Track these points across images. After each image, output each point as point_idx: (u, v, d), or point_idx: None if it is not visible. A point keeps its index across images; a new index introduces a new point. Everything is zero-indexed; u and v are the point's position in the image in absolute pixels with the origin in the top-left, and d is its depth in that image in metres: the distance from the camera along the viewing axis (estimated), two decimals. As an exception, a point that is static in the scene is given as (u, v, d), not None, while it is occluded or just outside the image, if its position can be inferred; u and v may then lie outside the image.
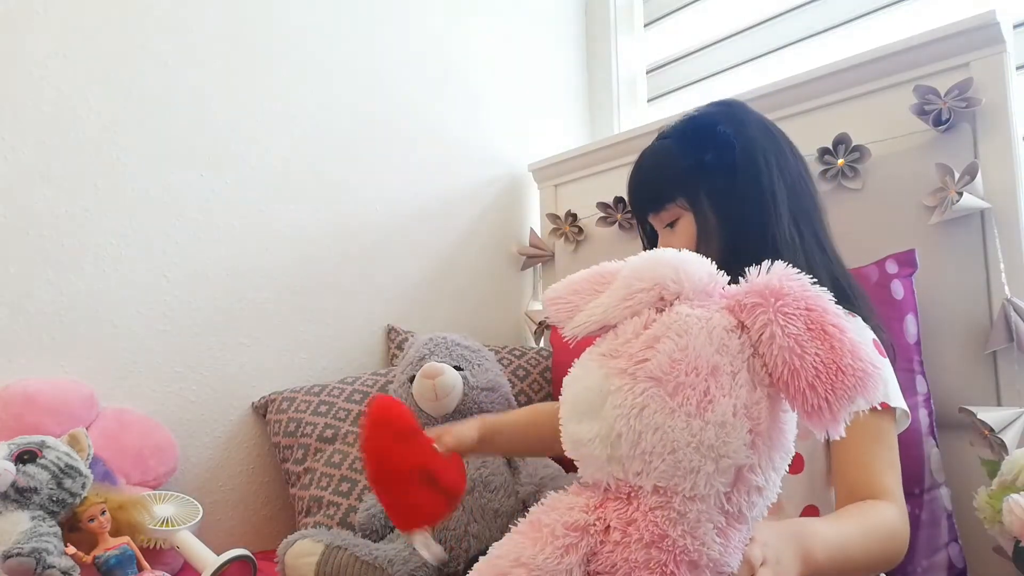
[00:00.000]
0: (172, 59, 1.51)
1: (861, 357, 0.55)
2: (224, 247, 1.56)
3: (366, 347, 1.73)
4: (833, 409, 0.54)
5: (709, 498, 0.56)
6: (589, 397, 0.60)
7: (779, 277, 0.59)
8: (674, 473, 0.56)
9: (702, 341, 0.58)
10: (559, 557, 0.57)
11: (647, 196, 0.97)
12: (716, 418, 0.56)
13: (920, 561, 1.07)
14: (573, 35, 2.16)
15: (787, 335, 0.55)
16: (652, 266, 0.62)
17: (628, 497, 0.58)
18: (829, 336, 0.55)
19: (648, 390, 0.57)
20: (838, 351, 0.55)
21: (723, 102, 1.02)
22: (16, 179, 1.34)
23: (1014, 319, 1.10)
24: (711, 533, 0.56)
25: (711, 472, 0.55)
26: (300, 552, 1.15)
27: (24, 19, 1.36)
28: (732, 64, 1.82)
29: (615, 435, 0.58)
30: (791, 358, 0.55)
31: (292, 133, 1.65)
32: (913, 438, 1.11)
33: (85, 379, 1.37)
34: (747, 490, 0.57)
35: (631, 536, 0.56)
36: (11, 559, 0.98)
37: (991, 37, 1.16)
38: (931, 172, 1.19)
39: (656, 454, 0.56)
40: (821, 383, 0.54)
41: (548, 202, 1.94)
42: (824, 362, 0.54)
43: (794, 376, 0.55)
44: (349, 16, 1.75)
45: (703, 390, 0.56)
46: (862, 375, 0.54)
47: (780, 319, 0.56)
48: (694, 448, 0.56)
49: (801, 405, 0.55)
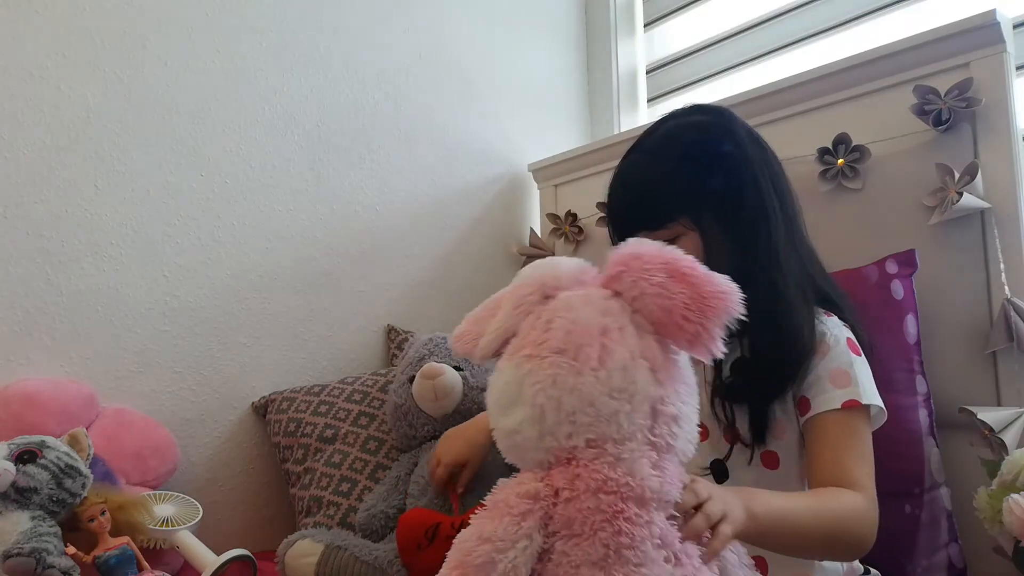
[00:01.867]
0: (172, 59, 1.51)
1: (718, 283, 0.64)
2: (224, 247, 1.56)
3: (366, 347, 1.73)
4: (709, 330, 0.63)
5: (636, 435, 0.63)
6: (508, 389, 0.67)
7: (633, 246, 0.68)
8: (598, 422, 0.63)
9: (587, 310, 0.66)
10: (517, 524, 0.62)
11: (643, 214, 0.93)
12: (617, 364, 0.64)
13: (920, 561, 1.07)
14: (573, 35, 2.16)
15: (653, 284, 0.65)
16: (531, 273, 0.72)
17: (568, 461, 0.64)
18: (687, 276, 0.64)
19: (555, 361, 0.64)
20: (698, 284, 0.64)
21: (707, 109, 0.99)
22: (16, 179, 1.34)
23: (1014, 319, 1.10)
24: (647, 468, 0.63)
25: (629, 411, 0.63)
26: (300, 552, 1.15)
27: (24, 19, 1.36)
28: (732, 64, 1.82)
29: (539, 410, 0.64)
30: (662, 301, 0.64)
31: (292, 133, 1.65)
32: (913, 438, 1.11)
33: (85, 379, 1.37)
34: (666, 421, 0.65)
35: (578, 488, 0.62)
36: (11, 559, 0.98)
37: (991, 37, 1.16)
38: (931, 172, 1.18)
39: (578, 411, 0.63)
40: (692, 312, 0.63)
41: (548, 202, 1.94)
42: (690, 296, 0.63)
43: (669, 314, 0.64)
44: (349, 16, 1.75)
45: (600, 346, 0.64)
46: (723, 295, 0.63)
47: (644, 275, 0.65)
48: (607, 395, 0.63)
49: (683, 336, 0.64)
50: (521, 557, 0.61)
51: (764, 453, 0.91)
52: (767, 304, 0.85)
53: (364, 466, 1.41)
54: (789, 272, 0.90)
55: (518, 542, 0.61)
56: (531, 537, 0.62)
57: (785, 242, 0.92)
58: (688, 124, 0.97)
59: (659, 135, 0.97)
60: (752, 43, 1.78)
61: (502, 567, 0.60)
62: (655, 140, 0.97)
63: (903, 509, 1.09)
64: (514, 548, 0.61)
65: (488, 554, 0.61)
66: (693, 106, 1.01)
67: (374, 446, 1.44)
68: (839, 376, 0.86)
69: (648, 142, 0.97)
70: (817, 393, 0.86)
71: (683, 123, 0.97)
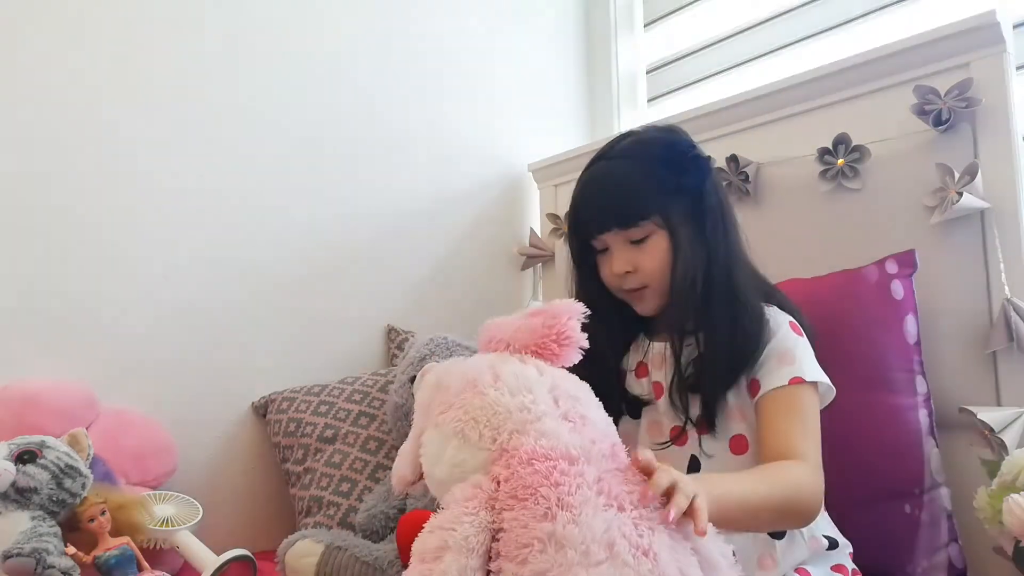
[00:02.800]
0: (172, 59, 1.51)
1: (560, 301, 0.78)
2: (224, 247, 1.56)
3: (366, 347, 1.73)
4: (568, 326, 0.76)
5: (548, 412, 0.71)
6: (432, 445, 0.74)
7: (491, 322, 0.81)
8: (511, 415, 0.70)
9: (471, 361, 0.77)
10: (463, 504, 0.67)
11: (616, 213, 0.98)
12: (508, 373, 0.73)
13: (920, 561, 1.08)
14: (573, 35, 2.16)
15: (513, 328, 0.78)
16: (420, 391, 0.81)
17: (501, 455, 0.70)
18: (537, 311, 0.78)
19: (460, 400, 0.73)
20: (548, 309, 0.78)
21: (669, 128, 1.05)
22: (16, 179, 1.34)
23: (1014, 319, 1.10)
24: (568, 433, 0.70)
25: (532, 399, 0.71)
26: (300, 552, 1.15)
27: (24, 19, 1.36)
28: (732, 64, 1.82)
29: (461, 436, 0.71)
30: (523, 332, 0.77)
31: (292, 133, 1.65)
32: (913, 438, 1.11)
33: (85, 379, 1.37)
34: (567, 399, 0.73)
35: (513, 465, 0.68)
36: (11, 559, 0.98)
37: (991, 37, 1.16)
38: (931, 172, 1.19)
39: (492, 416, 0.70)
40: (550, 322, 0.77)
41: (548, 202, 1.94)
42: (544, 316, 0.77)
43: (533, 334, 0.77)
44: (349, 16, 1.75)
45: (491, 373, 0.74)
46: (567, 304, 0.78)
47: (506, 329, 0.79)
48: (509, 394, 0.71)
49: (551, 342, 0.76)
50: (471, 530, 0.65)
51: (733, 438, 0.95)
52: (727, 298, 0.93)
53: (364, 466, 1.41)
54: (745, 268, 0.98)
55: (464, 519, 0.65)
56: (477, 513, 0.66)
57: (737, 242, 1.00)
58: (653, 136, 1.03)
59: (626, 144, 1.02)
60: (752, 43, 1.78)
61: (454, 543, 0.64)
62: (623, 147, 1.02)
63: (903, 509, 1.09)
64: (462, 525, 0.65)
65: (440, 537, 0.65)
66: (649, 126, 1.09)
67: (374, 446, 1.44)
68: (784, 356, 0.92)
69: (615, 150, 1.02)
70: (765, 373, 0.92)
71: (647, 135, 1.04)
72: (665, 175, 0.96)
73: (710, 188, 0.98)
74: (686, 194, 0.96)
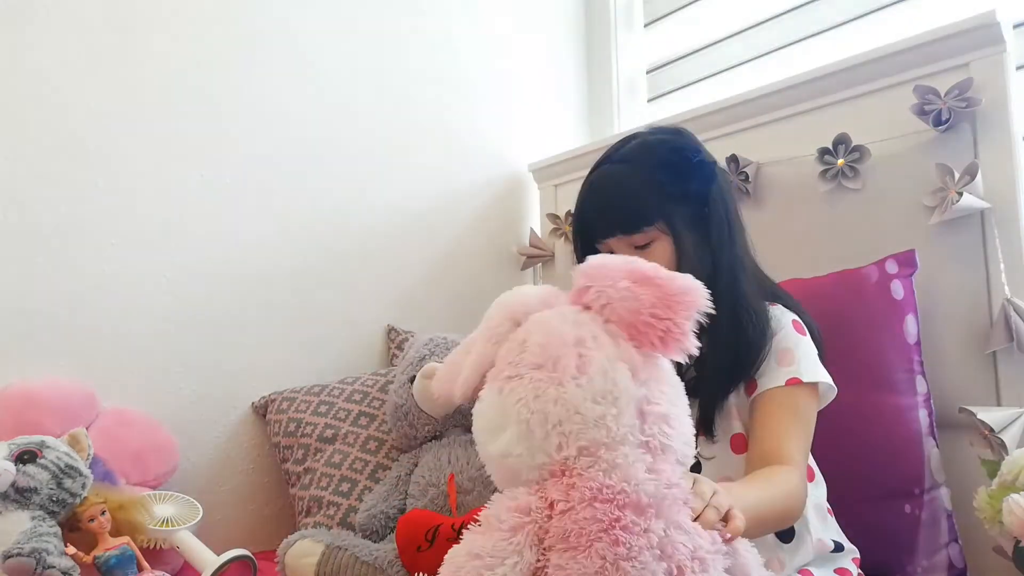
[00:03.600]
0: (172, 59, 1.51)
1: (682, 281, 0.66)
2: (224, 247, 1.56)
3: (366, 347, 1.73)
4: (679, 324, 0.65)
5: (628, 439, 0.63)
6: (492, 414, 0.67)
7: (595, 261, 0.70)
8: (586, 428, 0.62)
9: (559, 324, 0.67)
10: (507, 539, 0.60)
11: (619, 219, 0.97)
12: (597, 370, 0.64)
13: (920, 561, 1.08)
14: (573, 35, 2.16)
15: (619, 291, 0.66)
16: (498, 307, 0.73)
17: (562, 472, 0.63)
18: (651, 279, 0.66)
19: (534, 376, 0.65)
20: (663, 285, 0.66)
21: (673, 129, 1.04)
22: (16, 179, 1.34)
23: (1014, 319, 1.10)
24: (642, 472, 0.61)
25: (616, 414, 0.63)
26: (300, 552, 1.15)
27: (24, 19, 1.36)
28: (732, 64, 1.82)
29: (525, 426, 0.64)
30: (630, 304, 0.66)
31: (292, 133, 1.65)
32: (913, 438, 1.11)
33: (85, 379, 1.37)
34: (655, 421, 0.64)
35: (573, 499, 0.60)
36: (11, 559, 0.98)
37: (991, 37, 1.16)
38: (931, 172, 1.18)
39: (565, 420, 0.63)
40: (661, 309, 0.65)
41: (548, 202, 1.94)
42: (656, 296, 0.65)
43: (638, 315, 0.65)
44: (350, 16, 1.75)
45: (576, 355, 0.65)
46: (689, 291, 0.65)
47: (609, 285, 0.67)
48: (591, 400, 0.63)
49: (654, 335, 0.65)
50: (511, 573, 0.59)
51: (734, 437, 0.95)
52: (730, 302, 0.92)
53: (364, 466, 1.41)
54: (749, 273, 0.98)
55: (507, 558, 0.59)
56: (521, 553, 0.60)
57: (742, 246, 0.99)
58: (658, 139, 1.02)
59: (631, 147, 1.01)
60: (752, 43, 1.78)
61: None
62: (628, 151, 1.01)
63: (903, 509, 1.09)
64: (503, 565, 0.59)
65: (477, 570, 0.60)
66: (655, 127, 1.07)
67: (374, 446, 1.44)
68: (784, 355, 0.92)
69: (619, 154, 1.01)
70: (764, 372, 0.92)
71: (653, 138, 1.02)
72: (669, 181, 0.95)
73: (716, 194, 0.97)
74: (691, 200, 0.96)
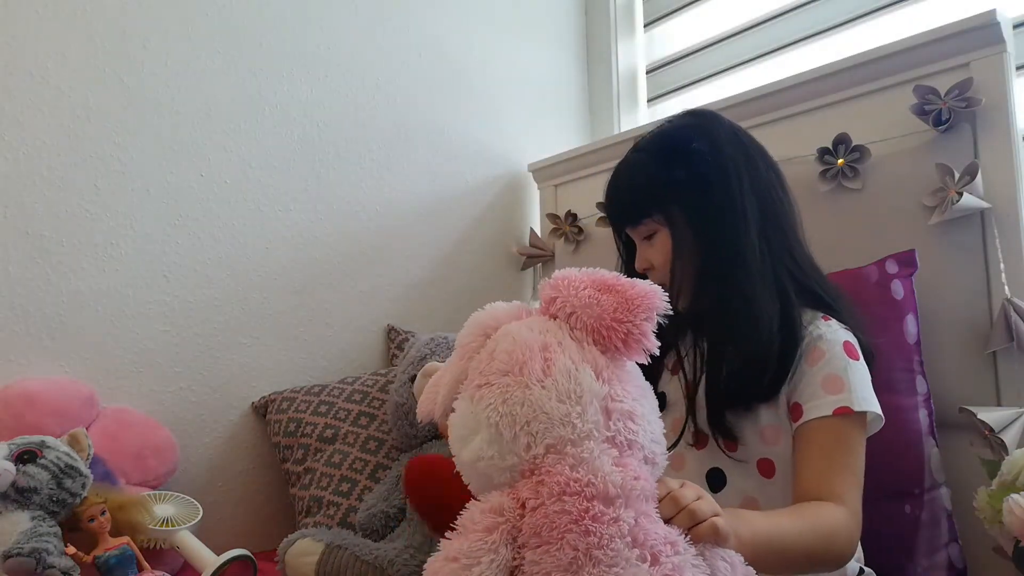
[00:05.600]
0: (172, 59, 1.51)
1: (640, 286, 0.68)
2: (224, 247, 1.56)
3: (366, 347, 1.73)
4: (639, 325, 0.67)
5: (592, 434, 0.64)
6: (463, 421, 0.69)
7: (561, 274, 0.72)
8: (552, 426, 0.64)
9: (526, 332, 0.69)
10: (482, 539, 0.62)
11: (623, 210, 0.97)
12: (560, 371, 0.66)
13: (920, 561, 1.07)
14: (573, 35, 2.16)
15: (582, 298, 0.69)
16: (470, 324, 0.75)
17: (532, 471, 0.65)
18: (612, 287, 0.69)
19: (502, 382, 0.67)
20: (624, 291, 0.68)
21: (696, 112, 1.01)
22: (16, 179, 1.34)
23: (1014, 319, 1.10)
24: (608, 464, 0.63)
25: (580, 412, 0.65)
26: (301, 551, 1.15)
27: (24, 19, 1.36)
28: (732, 64, 1.82)
29: (494, 428, 0.65)
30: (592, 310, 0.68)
31: (292, 133, 1.65)
32: (913, 438, 1.11)
33: (85, 379, 1.37)
34: (619, 417, 0.66)
35: (543, 495, 0.62)
36: (11, 559, 0.98)
37: (991, 37, 1.16)
38: (931, 172, 1.18)
39: (532, 420, 0.65)
40: (622, 313, 0.67)
41: (548, 202, 1.94)
42: (618, 301, 0.68)
43: (600, 320, 0.68)
44: (349, 16, 1.75)
45: (542, 359, 0.67)
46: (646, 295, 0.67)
47: (573, 292, 0.70)
48: (556, 399, 0.65)
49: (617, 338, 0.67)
50: (488, 571, 0.60)
51: (760, 460, 0.90)
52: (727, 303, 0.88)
53: (364, 466, 1.41)
54: (757, 271, 0.89)
55: (483, 557, 0.61)
56: (497, 551, 0.61)
57: (758, 241, 0.91)
58: (675, 126, 0.99)
59: (652, 133, 0.99)
60: (752, 43, 1.78)
61: None
62: (645, 140, 0.99)
63: (903, 509, 1.09)
64: (479, 564, 0.60)
65: (455, 572, 0.61)
66: (685, 111, 1.03)
67: (374, 446, 1.44)
68: (833, 382, 0.85)
69: (643, 141, 1.00)
70: (809, 399, 0.86)
71: (671, 125, 1.00)
72: (663, 170, 0.93)
73: (718, 182, 0.91)
74: (686, 190, 0.91)
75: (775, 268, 0.91)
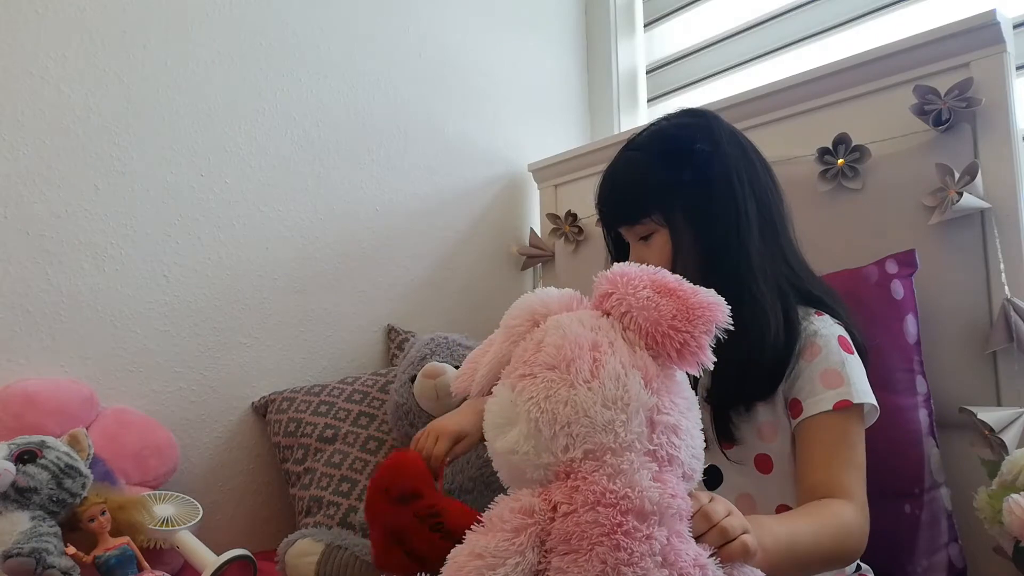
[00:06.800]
0: (172, 59, 1.51)
1: (703, 295, 0.65)
2: (224, 247, 1.56)
3: (366, 347, 1.73)
4: (697, 338, 0.64)
5: (634, 445, 0.62)
6: (502, 410, 0.67)
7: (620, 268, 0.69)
8: (594, 432, 0.62)
9: (576, 327, 0.66)
10: (509, 540, 0.60)
11: (620, 209, 0.96)
12: (610, 375, 0.63)
13: (920, 561, 1.07)
14: (573, 35, 2.16)
15: (640, 300, 0.66)
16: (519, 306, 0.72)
17: (567, 474, 0.62)
18: (674, 291, 0.66)
19: (547, 376, 0.64)
20: (684, 297, 0.65)
21: (694, 112, 1.00)
22: (16, 179, 1.34)
23: (1014, 319, 1.10)
24: (647, 479, 0.60)
25: (625, 420, 0.62)
26: (301, 551, 1.15)
27: (24, 19, 1.36)
28: (732, 64, 1.82)
29: (534, 424, 0.63)
30: (650, 314, 0.65)
31: (292, 133, 1.65)
32: (913, 438, 1.11)
33: (85, 379, 1.37)
34: (664, 430, 0.63)
35: (576, 502, 0.60)
36: (11, 559, 0.98)
37: (991, 37, 1.16)
38: (931, 172, 1.18)
39: (573, 422, 0.62)
40: (680, 322, 0.64)
41: (548, 202, 1.94)
42: (678, 307, 0.65)
43: (657, 326, 0.65)
44: (349, 16, 1.75)
45: (591, 359, 0.64)
46: (709, 306, 0.64)
47: (631, 292, 0.67)
48: (601, 404, 0.62)
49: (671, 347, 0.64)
50: (513, 573, 0.59)
51: (757, 456, 0.90)
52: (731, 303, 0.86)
53: (364, 466, 1.41)
54: (760, 272, 0.90)
55: (509, 558, 0.59)
56: (523, 554, 0.60)
57: (758, 242, 0.91)
58: (671, 125, 0.98)
59: (647, 132, 0.99)
60: (752, 43, 1.78)
61: None
62: (640, 139, 0.99)
63: (903, 509, 1.09)
64: (504, 565, 0.59)
65: (478, 570, 0.60)
66: (682, 110, 1.02)
67: (374, 446, 1.44)
68: (831, 376, 0.86)
69: (636, 140, 0.99)
70: (808, 395, 0.86)
71: (667, 124, 0.99)
72: (665, 170, 0.92)
73: (718, 182, 0.91)
74: (689, 191, 0.91)
75: (774, 267, 0.92)
